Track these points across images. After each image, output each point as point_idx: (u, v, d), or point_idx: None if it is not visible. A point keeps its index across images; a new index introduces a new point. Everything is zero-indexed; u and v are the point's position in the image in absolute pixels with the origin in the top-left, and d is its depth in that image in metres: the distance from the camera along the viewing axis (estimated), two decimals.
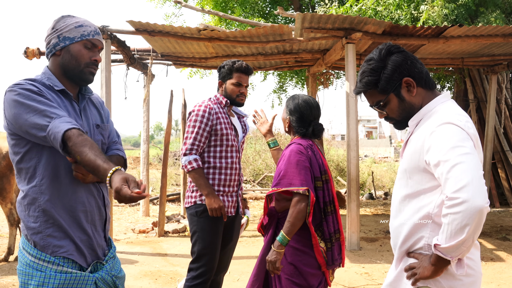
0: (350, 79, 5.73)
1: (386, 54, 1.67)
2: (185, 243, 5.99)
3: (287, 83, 10.49)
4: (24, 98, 1.70)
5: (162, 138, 61.04)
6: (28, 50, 6.29)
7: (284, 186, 2.37)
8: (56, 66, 1.87)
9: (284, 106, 2.66)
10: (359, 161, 6.63)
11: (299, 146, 2.45)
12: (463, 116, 1.60)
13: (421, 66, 1.68)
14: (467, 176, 1.42)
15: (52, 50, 1.85)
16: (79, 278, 1.74)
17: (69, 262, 1.75)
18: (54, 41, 1.84)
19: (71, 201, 1.78)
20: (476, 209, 1.39)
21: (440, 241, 1.48)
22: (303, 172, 2.36)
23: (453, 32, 5.78)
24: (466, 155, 1.46)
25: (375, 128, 60.09)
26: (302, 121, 2.56)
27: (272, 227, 2.50)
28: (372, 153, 28.44)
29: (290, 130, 2.62)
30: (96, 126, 1.95)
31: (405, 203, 1.68)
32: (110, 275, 1.86)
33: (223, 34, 5.92)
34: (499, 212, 8.33)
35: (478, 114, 9.22)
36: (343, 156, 13.49)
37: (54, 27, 1.86)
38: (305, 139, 2.54)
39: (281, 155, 2.54)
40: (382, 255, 5.40)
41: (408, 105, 1.68)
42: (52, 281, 1.70)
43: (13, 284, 4.23)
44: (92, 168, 1.58)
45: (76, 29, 1.85)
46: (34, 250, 1.74)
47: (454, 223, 1.43)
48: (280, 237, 2.32)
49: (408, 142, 1.70)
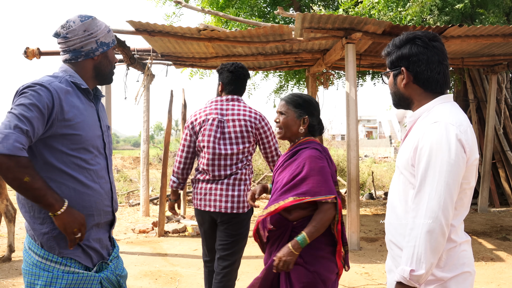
0: (350, 79, 5.73)
1: (409, 41, 1.71)
2: (185, 243, 5.99)
3: (287, 83, 10.49)
4: (31, 97, 1.70)
5: (162, 138, 61.05)
6: (28, 50, 6.29)
7: (310, 195, 2.23)
8: (88, 69, 1.90)
9: (286, 107, 2.44)
10: (359, 161, 6.63)
11: (317, 151, 2.33)
12: (459, 118, 1.60)
13: (428, 69, 1.67)
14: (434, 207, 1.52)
15: (90, 54, 1.87)
16: (85, 278, 1.76)
17: (76, 262, 1.77)
18: (92, 46, 1.87)
19: (79, 203, 1.79)
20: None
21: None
22: (328, 179, 2.26)
23: (453, 32, 5.78)
24: (438, 183, 1.52)
25: (375, 128, 60.08)
26: (318, 120, 2.49)
27: (286, 237, 2.32)
28: (372, 153, 28.46)
29: (301, 132, 2.43)
30: (107, 127, 2.01)
31: (400, 199, 1.70)
32: (114, 275, 1.88)
33: (223, 34, 5.92)
34: (499, 212, 8.33)
35: (478, 114, 9.22)
36: (343, 156, 13.49)
37: (87, 30, 1.85)
38: (315, 140, 2.43)
39: (289, 160, 2.37)
40: (382, 255, 5.40)
41: (397, 91, 1.76)
42: (59, 281, 1.72)
43: (13, 284, 4.23)
44: (39, 194, 1.65)
45: (108, 34, 1.92)
46: (41, 250, 1.75)
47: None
48: (301, 239, 2.20)
49: (405, 140, 1.73)
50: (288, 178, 2.32)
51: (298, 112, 2.42)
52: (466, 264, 1.62)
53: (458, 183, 1.54)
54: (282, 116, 2.43)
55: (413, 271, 1.50)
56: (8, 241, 5.02)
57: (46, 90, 1.72)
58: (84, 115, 1.82)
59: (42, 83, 1.74)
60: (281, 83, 10.53)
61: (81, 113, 1.81)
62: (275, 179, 2.46)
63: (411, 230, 1.54)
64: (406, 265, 1.52)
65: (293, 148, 2.42)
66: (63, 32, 1.86)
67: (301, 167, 2.29)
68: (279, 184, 2.37)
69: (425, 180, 1.54)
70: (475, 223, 7.29)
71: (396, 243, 1.69)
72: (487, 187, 8.42)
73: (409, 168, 1.64)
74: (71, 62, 1.88)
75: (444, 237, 1.51)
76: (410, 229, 1.55)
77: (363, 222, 7.34)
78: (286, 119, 2.42)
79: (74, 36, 1.84)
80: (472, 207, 8.60)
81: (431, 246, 1.50)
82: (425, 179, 1.54)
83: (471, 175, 1.60)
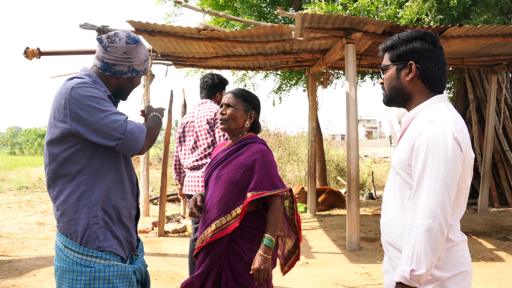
0: (350, 79, 5.73)
1: (419, 37, 1.71)
2: (185, 243, 5.99)
3: (287, 83, 10.48)
4: (96, 99, 1.83)
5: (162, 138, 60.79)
6: (28, 50, 6.28)
7: (267, 189, 2.26)
8: (111, 84, 1.98)
9: (235, 100, 2.41)
10: (359, 161, 6.63)
11: (265, 146, 2.38)
12: (454, 117, 1.61)
13: (436, 67, 1.69)
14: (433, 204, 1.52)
15: (117, 74, 1.95)
16: (124, 270, 1.87)
17: (113, 255, 1.86)
18: (122, 68, 1.94)
19: (115, 197, 1.90)
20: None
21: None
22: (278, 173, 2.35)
23: (453, 32, 5.78)
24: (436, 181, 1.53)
25: (375, 128, 60.07)
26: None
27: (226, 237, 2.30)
28: (372, 153, 28.45)
29: (246, 127, 2.43)
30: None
31: (396, 199, 1.70)
32: (143, 265, 2.02)
33: (223, 34, 5.92)
34: (499, 212, 8.33)
35: (478, 114, 9.22)
36: (343, 156, 13.48)
37: (126, 53, 1.93)
38: (258, 136, 2.46)
39: (234, 154, 2.34)
40: (382, 255, 5.40)
41: (399, 85, 1.73)
42: (103, 275, 1.81)
43: (13, 284, 4.23)
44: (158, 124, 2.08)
45: (144, 63, 2.00)
46: (78, 247, 1.82)
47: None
48: (268, 242, 2.21)
49: (401, 140, 1.73)
50: (239, 173, 2.30)
51: (246, 106, 2.41)
52: (464, 263, 1.62)
53: (456, 181, 1.54)
54: (230, 108, 2.39)
55: (413, 271, 1.50)
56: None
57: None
58: None
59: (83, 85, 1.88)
60: (280, 83, 10.53)
61: None
62: (217, 173, 2.37)
63: (410, 230, 1.54)
64: (406, 265, 1.52)
65: (238, 142, 2.39)
66: (106, 42, 1.93)
67: (252, 160, 2.29)
68: (225, 179, 2.32)
69: (422, 179, 1.54)
70: (475, 223, 7.28)
71: (393, 244, 1.69)
72: (487, 187, 8.42)
73: (405, 168, 1.64)
74: (98, 71, 1.96)
75: (443, 236, 1.51)
76: (409, 228, 1.54)
77: (363, 222, 7.34)
78: (234, 111, 2.39)
79: (112, 53, 1.92)
80: (472, 207, 8.60)
81: (430, 245, 1.49)
82: (423, 178, 1.54)
83: (467, 174, 1.60)
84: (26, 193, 11.27)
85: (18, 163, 22.21)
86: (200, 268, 2.32)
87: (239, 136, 2.42)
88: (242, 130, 2.42)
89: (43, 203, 9.69)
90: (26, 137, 35.51)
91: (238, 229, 2.28)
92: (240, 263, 2.26)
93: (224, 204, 2.29)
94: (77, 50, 6.59)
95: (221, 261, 2.28)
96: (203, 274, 2.29)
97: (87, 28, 6.03)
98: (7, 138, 37.03)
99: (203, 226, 2.36)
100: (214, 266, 2.28)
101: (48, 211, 8.60)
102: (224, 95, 2.48)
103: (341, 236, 6.34)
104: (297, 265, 4.92)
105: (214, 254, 2.28)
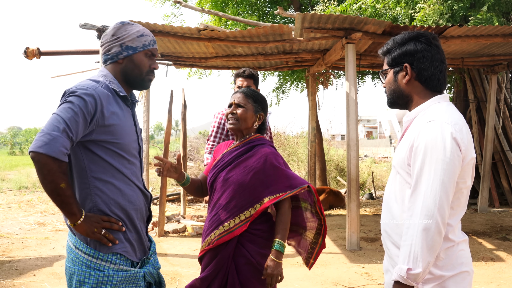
0: (350, 79, 5.73)
1: (412, 38, 1.71)
2: (185, 243, 5.99)
3: (287, 83, 10.49)
4: (77, 102, 1.75)
5: (162, 138, 61.00)
6: (28, 50, 6.28)
7: (283, 191, 2.24)
8: (116, 72, 1.94)
9: (245, 100, 2.37)
10: (359, 161, 6.63)
11: (273, 149, 2.36)
12: (454, 117, 1.61)
13: (431, 66, 1.69)
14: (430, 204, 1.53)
15: (114, 58, 1.92)
16: (134, 275, 1.84)
17: (123, 259, 1.84)
18: (116, 49, 1.91)
19: (125, 199, 1.86)
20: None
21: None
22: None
23: (453, 32, 5.78)
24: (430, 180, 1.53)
25: (375, 128, 60.07)
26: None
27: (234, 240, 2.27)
28: (372, 153, 28.46)
29: (254, 128, 2.40)
30: (140, 130, 2.06)
31: (396, 198, 1.70)
32: (155, 268, 1.97)
33: (223, 34, 5.92)
34: (499, 212, 8.33)
35: (478, 114, 9.22)
36: (343, 156, 13.48)
37: (115, 34, 1.91)
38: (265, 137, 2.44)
39: (243, 156, 2.31)
40: (382, 255, 5.40)
41: (398, 88, 1.75)
42: (111, 280, 1.79)
43: (13, 284, 4.23)
44: (68, 202, 1.70)
45: (138, 38, 1.93)
46: (89, 249, 1.79)
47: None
48: (279, 246, 2.20)
49: (402, 140, 1.73)
50: (248, 175, 2.26)
51: (256, 107, 2.39)
52: (464, 263, 1.63)
53: (454, 182, 1.54)
54: (241, 108, 2.35)
55: (410, 269, 1.50)
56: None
57: (91, 96, 1.77)
58: (122, 121, 1.88)
59: (87, 89, 1.79)
60: (280, 83, 10.54)
61: (120, 119, 1.87)
62: (224, 175, 2.32)
63: (407, 229, 1.55)
64: (403, 264, 1.52)
65: (246, 144, 2.36)
66: (102, 37, 1.95)
67: (262, 164, 2.26)
68: (233, 181, 2.28)
69: (420, 178, 1.55)
70: (475, 223, 7.28)
71: (393, 242, 1.69)
72: (487, 187, 8.42)
73: (405, 168, 1.64)
74: (105, 66, 1.96)
75: (440, 235, 1.51)
76: (407, 227, 1.55)
77: (363, 222, 7.34)
78: (245, 112, 2.35)
79: (105, 41, 1.93)
80: (472, 207, 8.60)
81: (427, 244, 1.50)
82: (421, 178, 1.55)
83: (467, 174, 1.60)
84: (26, 193, 11.28)
85: (18, 163, 22.23)
86: (206, 271, 2.27)
87: (247, 137, 2.39)
88: (250, 131, 2.39)
89: (43, 203, 9.70)
90: (26, 137, 35.54)
91: (246, 232, 2.25)
92: (247, 266, 2.23)
93: (233, 207, 2.26)
94: (77, 50, 6.59)
95: (228, 265, 2.24)
96: (208, 278, 2.25)
97: (87, 28, 6.03)
98: (8, 138, 37.05)
99: (209, 229, 2.31)
100: (220, 269, 2.24)
101: (48, 211, 8.61)
102: (233, 94, 2.44)
103: (341, 236, 6.34)
104: (297, 265, 4.93)
105: (221, 257, 2.24)
